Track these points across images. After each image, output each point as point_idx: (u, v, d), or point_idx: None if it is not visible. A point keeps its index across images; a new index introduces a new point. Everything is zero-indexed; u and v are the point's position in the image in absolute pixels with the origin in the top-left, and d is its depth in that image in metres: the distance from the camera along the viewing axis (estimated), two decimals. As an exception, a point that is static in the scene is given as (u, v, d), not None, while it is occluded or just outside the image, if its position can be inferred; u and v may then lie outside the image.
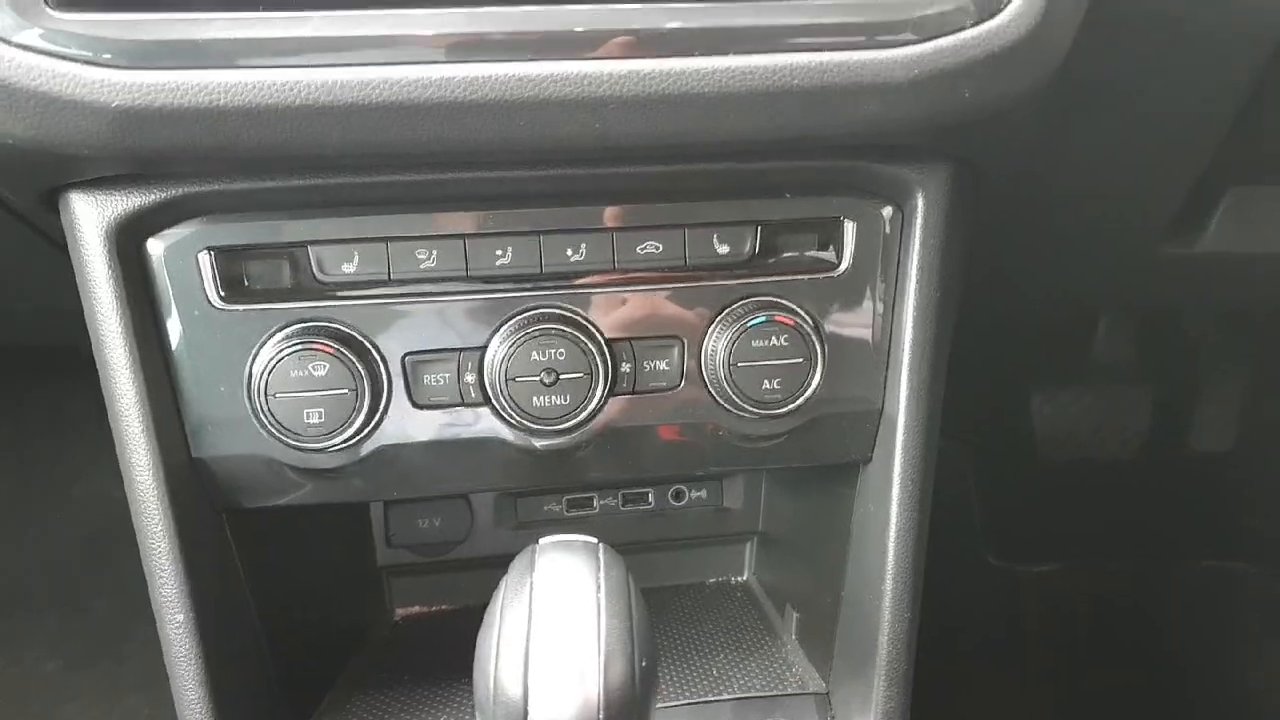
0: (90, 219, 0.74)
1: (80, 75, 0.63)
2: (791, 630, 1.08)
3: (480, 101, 0.67)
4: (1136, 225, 1.16)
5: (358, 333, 0.80)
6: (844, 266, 0.85)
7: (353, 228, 0.79)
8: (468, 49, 0.67)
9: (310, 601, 1.05)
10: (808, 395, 0.85)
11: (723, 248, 0.84)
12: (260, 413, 0.79)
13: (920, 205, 0.83)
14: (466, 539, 1.18)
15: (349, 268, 0.80)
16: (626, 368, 0.84)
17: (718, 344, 0.84)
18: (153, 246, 0.77)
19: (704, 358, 0.85)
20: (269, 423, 0.79)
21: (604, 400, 0.83)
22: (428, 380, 0.82)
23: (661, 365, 0.85)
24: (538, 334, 0.81)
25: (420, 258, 0.80)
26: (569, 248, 0.82)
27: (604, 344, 0.82)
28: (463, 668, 0.94)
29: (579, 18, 0.68)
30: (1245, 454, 2.04)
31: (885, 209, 0.84)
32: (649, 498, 1.20)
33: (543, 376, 0.81)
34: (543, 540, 0.69)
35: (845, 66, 0.70)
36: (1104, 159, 1.03)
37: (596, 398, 0.82)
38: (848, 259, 0.85)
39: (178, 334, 0.79)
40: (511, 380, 0.81)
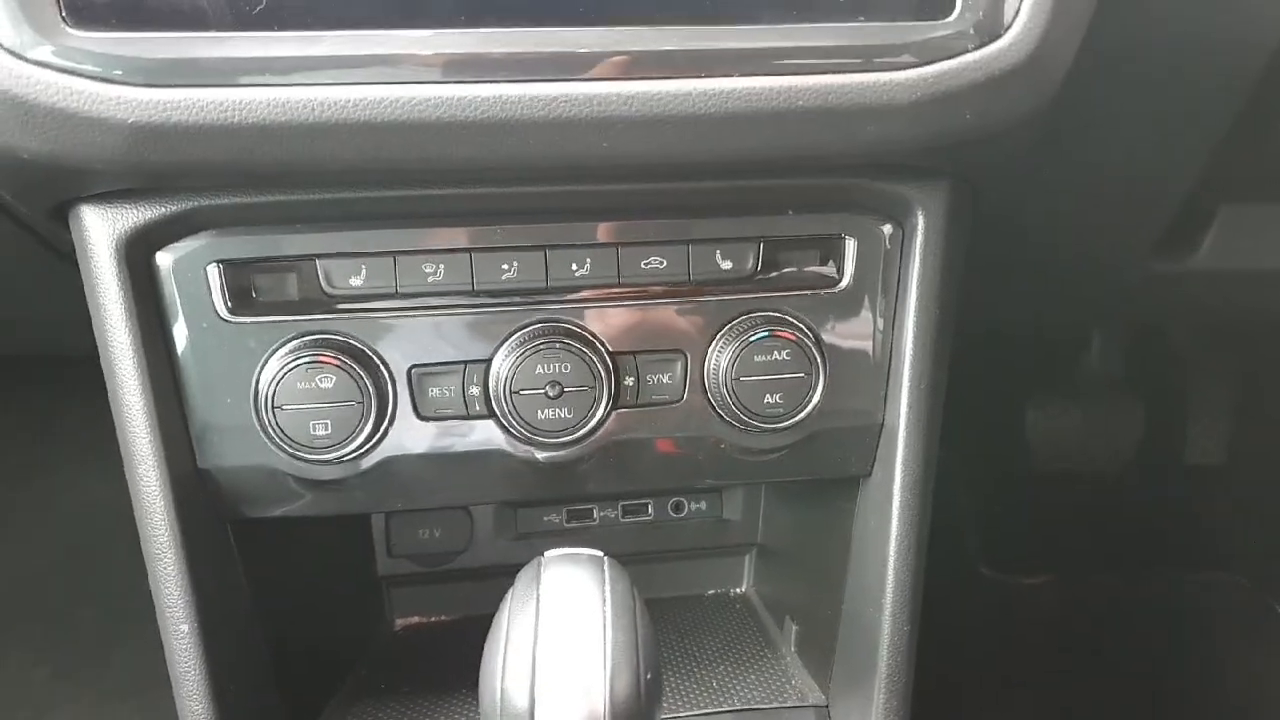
0: (100, 232, 0.74)
1: (97, 92, 0.64)
2: (791, 642, 1.09)
3: (491, 121, 0.68)
4: (1128, 241, 1.18)
5: (364, 345, 0.81)
6: (845, 282, 0.86)
7: (360, 241, 0.80)
8: (479, 69, 0.68)
9: (311, 611, 1.05)
10: (809, 409, 0.86)
11: (726, 263, 0.85)
12: (267, 424, 0.79)
13: (920, 223, 0.84)
14: (466, 549, 1.19)
15: (356, 281, 0.80)
16: (630, 381, 0.85)
17: (720, 358, 0.84)
18: (162, 259, 0.78)
19: (707, 372, 0.85)
20: (275, 434, 0.79)
21: (607, 413, 0.83)
22: (433, 393, 0.83)
23: (664, 379, 0.85)
24: (542, 347, 0.81)
25: (427, 271, 0.81)
26: (574, 262, 0.82)
27: (608, 358, 0.83)
28: (464, 678, 0.94)
29: (589, 39, 0.69)
30: (1235, 467, 2.06)
31: (885, 226, 0.85)
32: (648, 509, 1.20)
33: (547, 390, 0.81)
34: (548, 553, 0.70)
35: (849, 89, 0.71)
36: (1096, 176, 1.05)
37: (600, 411, 0.83)
38: (849, 275, 0.86)
39: (185, 345, 0.79)
40: (516, 393, 0.81)
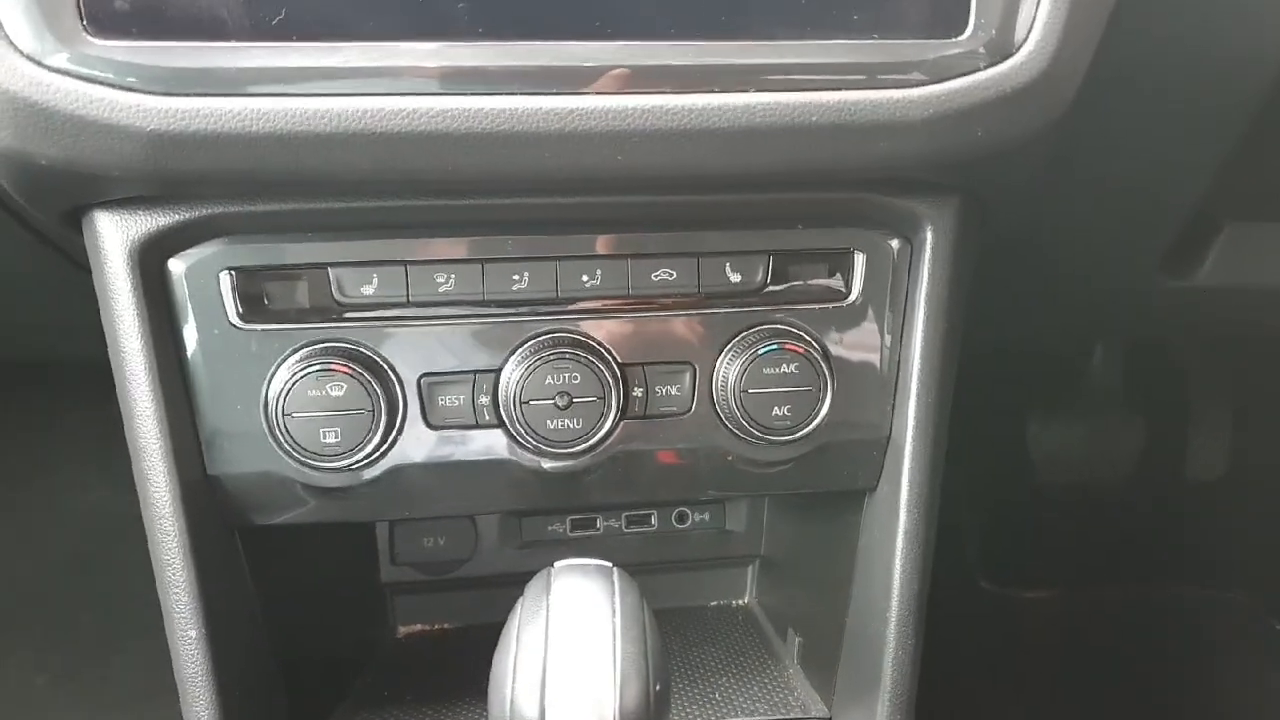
0: (114, 238, 0.75)
1: (116, 100, 0.64)
2: (794, 654, 1.09)
3: (507, 133, 0.69)
4: (1133, 257, 1.18)
5: (375, 354, 0.81)
6: (853, 296, 0.87)
7: (373, 250, 0.80)
8: (495, 81, 0.69)
9: (316, 618, 1.05)
10: (817, 422, 0.86)
11: (735, 276, 0.85)
12: (277, 431, 0.79)
13: (929, 238, 0.84)
14: (471, 557, 1.19)
15: (368, 289, 0.81)
16: (639, 392, 0.85)
17: (729, 370, 0.85)
18: (174, 265, 0.78)
19: (715, 384, 0.86)
20: (285, 441, 0.79)
21: (616, 424, 0.83)
22: (443, 402, 0.83)
23: (673, 390, 0.86)
24: (552, 358, 0.81)
25: (438, 281, 0.81)
26: (585, 274, 0.83)
27: (617, 368, 0.83)
28: (468, 687, 0.94)
29: (606, 54, 0.69)
30: (1236, 481, 2.06)
31: (894, 241, 0.86)
32: (652, 519, 1.20)
33: (557, 400, 0.82)
34: (558, 564, 0.70)
35: (862, 105, 0.71)
36: (1103, 191, 1.05)
37: (609, 421, 0.83)
38: (857, 289, 0.86)
39: (196, 352, 0.79)
40: (525, 403, 0.81)
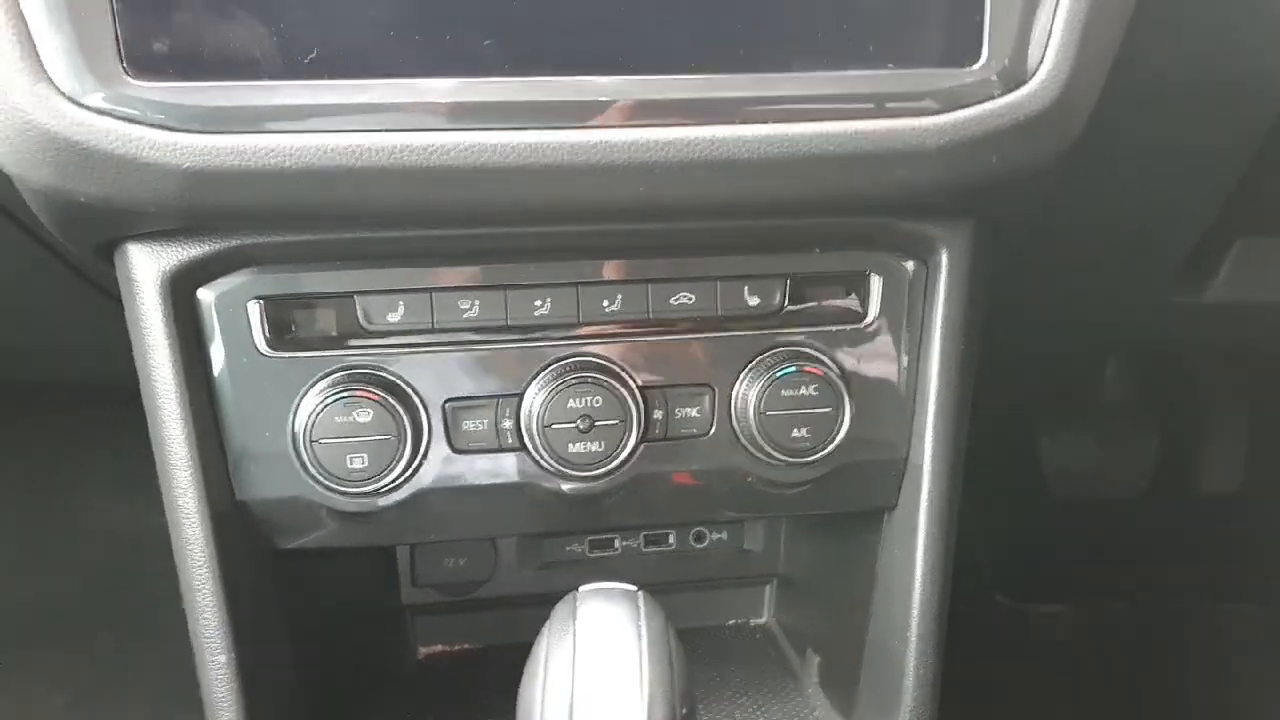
0: (146, 270, 0.76)
1: (154, 139, 0.66)
2: (813, 674, 1.09)
3: (535, 166, 0.70)
4: (1145, 273, 1.19)
5: (401, 380, 0.82)
6: (870, 318, 0.88)
7: (398, 278, 0.81)
8: (525, 116, 0.70)
9: (337, 640, 1.06)
10: (836, 443, 0.87)
11: (753, 299, 0.86)
12: (304, 458, 0.81)
13: (944, 261, 0.85)
14: (490, 578, 1.19)
15: (394, 317, 0.82)
16: (659, 415, 0.86)
17: (748, 392, 0.86)
18: (204, 295, 0.79)
19: (734, 406, 0.87)
20: (313, 467, 0.81)
21: (637, 446, 0.85)
22: (466, 426, 0.84)
23: (693, 413, 0.87)
24: (574, 382, 0.82)
25: (463, 307, 0.82)
26: (605, 299, 0.84)
27: (638, 391, 0.84)
28: (489, 708, 0.94)
29: (630, 88, 0.71)
30: (1252, 495, 2.05)
31: (910, 264, 0.87)
32: (670, 539, 1.21)
33: (579, 423, 0.83)
34: (583, 588, 0.71)
35: (879, 134, 0.72)
36: (1115, 211, 1.06)
37: (630, 444, 0.84)
38: (874, 311, 0.88)
39: (225, 380, 0.81)
40: (547, 427, 0.83)
